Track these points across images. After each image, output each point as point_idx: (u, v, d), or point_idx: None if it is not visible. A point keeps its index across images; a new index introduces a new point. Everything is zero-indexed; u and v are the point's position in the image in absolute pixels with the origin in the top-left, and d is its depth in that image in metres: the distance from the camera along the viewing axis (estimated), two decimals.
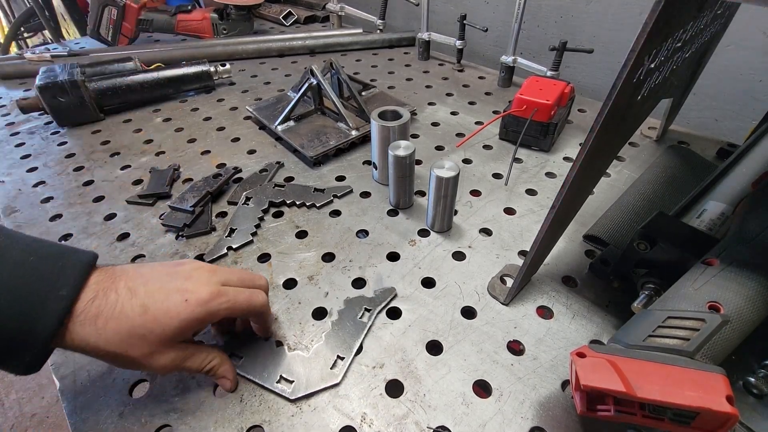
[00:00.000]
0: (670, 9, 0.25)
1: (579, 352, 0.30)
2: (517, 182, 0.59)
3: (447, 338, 0.40)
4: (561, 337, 0.40)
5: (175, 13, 1.06)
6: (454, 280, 0.46)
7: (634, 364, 0.28)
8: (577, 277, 0.46)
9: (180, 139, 0.71)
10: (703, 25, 0.38)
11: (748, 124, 0.73)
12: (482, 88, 0.84)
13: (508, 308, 0.43)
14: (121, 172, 0.64)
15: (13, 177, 0.64)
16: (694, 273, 0.33)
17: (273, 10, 1.24)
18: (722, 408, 0.25)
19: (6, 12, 2.30)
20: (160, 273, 0.34)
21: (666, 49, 0.31)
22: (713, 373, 0.27)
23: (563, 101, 0.65)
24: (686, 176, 0.56)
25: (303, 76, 0.71)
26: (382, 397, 0.36)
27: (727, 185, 0.44)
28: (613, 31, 0.82)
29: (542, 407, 0.35)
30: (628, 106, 0.31)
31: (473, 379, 0.37)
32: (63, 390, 0.38)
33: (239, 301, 0.35)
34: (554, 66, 0.74)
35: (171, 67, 0.81)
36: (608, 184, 0.59)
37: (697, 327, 0.29)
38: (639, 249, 0.38)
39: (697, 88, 0.65)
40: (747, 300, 0.30)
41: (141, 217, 0.56)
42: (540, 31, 0.93)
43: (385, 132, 0.53)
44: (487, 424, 0.34)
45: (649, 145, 0.66)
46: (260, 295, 0.37)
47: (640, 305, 0.37)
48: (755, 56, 0.69)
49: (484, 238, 0.51)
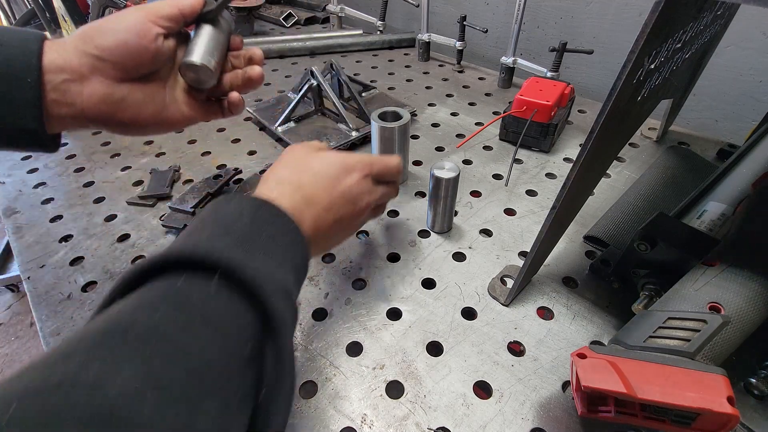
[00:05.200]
0: (670, 10, 0.25)
1: (579, 353, 0.30)
2: (518, 183, 0.59)
3: (447, 339, 0.40)
4: (561, 337, 0.40)
5: None
6: (455, 280, 0.46)
7: (634, 365, 0.28)
8: (577, 277, 0.46)
9: (180, 140, 0.71)
10: (703, 26, 0.38)
11: (748, 125, 0.73)
12: (482, 89, 0.84)
13: (508, 309, 0.43)
14: (121, 173, 0.64)
15: (14, 178, 0.64)
16: (694, 274, 0.33)
17: (273, 12, 1.24)
18: (723, 409, 0.25)
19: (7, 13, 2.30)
20: None
21: (666, 50, 0.31)
22: (714, 374, 0.27)
23: (563, 102, 0.65)
24: (686, 177, 0.56)
25: (303, 77, 0.71)
26: (382, 398, 0.36)
27: (728, 186, 0.44)
28: (613, 32, 0.82)
29: (543, 408, 0.35)
30: (628, 106, 0.31)
31: (474, 380, 0.37)
32: None
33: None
34: (554, 67, 0.74)
35: None
36: (608, 185, 0.59)
37: (698, 328, 0.29)
38: (639, 250, 0.38)
39: (697, 89, 0.65)
40: (747, 301, 0.30)
41: (141, 218, 0.56)
42: (540, 32, 0.93)
43: (385, 133, 0.53)
44: (487, 426, 0.34)
45: (650, 145, 0.66)
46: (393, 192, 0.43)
47: (640, 306, 0.37)
48: (755, 57, 0.69)
49: (485, 238, 0.51)
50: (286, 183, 0.34)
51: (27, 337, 1.50)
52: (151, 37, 0.34)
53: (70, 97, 0.33)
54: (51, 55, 0.32)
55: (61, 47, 0.32)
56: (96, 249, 0.52)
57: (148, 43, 0.34)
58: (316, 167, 0.36)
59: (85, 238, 0.53)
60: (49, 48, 0.32)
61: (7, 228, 0.55)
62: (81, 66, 0.33)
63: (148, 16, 0.34)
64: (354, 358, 0.39)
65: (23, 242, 0.53)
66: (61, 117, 0.33)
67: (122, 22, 0.34)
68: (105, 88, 0.34)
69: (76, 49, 0.32)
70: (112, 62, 0.34)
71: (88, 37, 0.33)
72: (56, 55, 0.32)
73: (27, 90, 0.30)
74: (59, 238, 0.53)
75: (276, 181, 0.34)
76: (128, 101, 0.36)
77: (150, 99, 0.37)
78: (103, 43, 0.33)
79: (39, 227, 0.55)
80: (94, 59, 0.33)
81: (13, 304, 1.66)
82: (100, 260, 0.50)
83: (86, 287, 0.47)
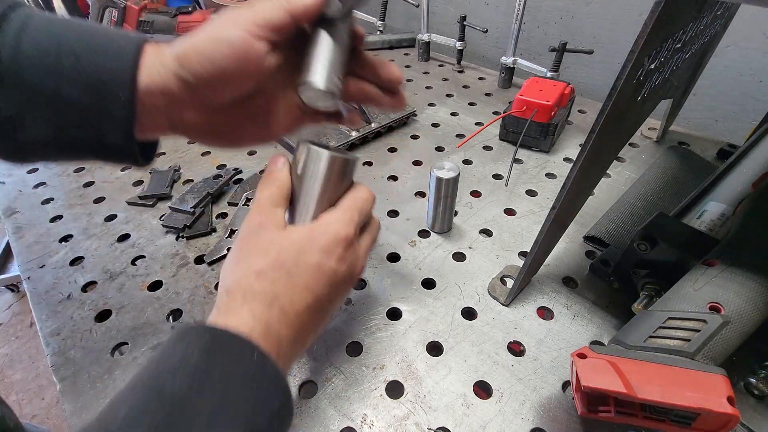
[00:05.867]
0: (670, 10, 0.25)
1: (580, 353, 0.30)
2: (518, 183, 0.59)
3: (447, 339, 0.40)
4: (561, 337, 0.40)
5: (175, 14, 1.06)
6: (455, 280, 0.46)
7: (634, 365, 0.28)
8: (577, 277, 0.46)
9: (180, 140, 0.71)
10: (703, 26, 0.38)
11: (748, 125, 0.73)
12: (482, 88, 0.84)
13: (508, 309, 0.43)
14: (121, 174, 0.64)
15: (14, 178, 0.64)
16: (694, 274, 0.33)
17: None
18: (723, 409, 0.25)
19: None
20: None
21: (666, 50, 0.31)
22: (714, 374, 0.27)
23: (563, 102, 0.65)
24: (686, 177, 0.56)
25: None
26: (382, 398, 0.36)
27: (728, 186, 0.44)
28: (613, 32, 0.82)
29: (543, 408, 0.35)
30: (628, 107, 0.31)
31: (474, 380, 0.37)
32: (63, 391, 0.38)
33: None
34: (554, 67, 0.74)
35: None
36: (608, 185, 0.59)
37: (698, 328, 0.29)
38: (639, 250, 0.38)
39: (697, 89, 0.65)
40: (747, 301, 0.30)
41: (141, 218, 0.56)
42: (540, 32, 0.93)
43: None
44: (487, 426, 0.34)
45: (650, 145, 0.66)
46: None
47: (640, 306, 0.37)
48: (755, 57, 0.69)
49: (485, 238, 0.51)
50: (258, 296, 0.27)
51: (27, 337, 1.50)
52: (255, 59, 0.28)
53: (166, 119, 0.29)
54: (148, 73, 0.27)
55: (161, 65, 0.28)
56: (96, 249, 0.52)
57: (252, 67, 0.28)
58: (289, 260, 0.28)
59: (85, 238, 0.53)
60: (147, 64, 0.27)
61: (7, 228, 0.55)
62: (179, 92, 0.28)
63: (251, 30, 0.28)
64: (354, 358, 0.39)
65: (23, 242, 0.53)
66: (154, 133, 0.30)
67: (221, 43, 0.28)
68: (204, 115, 0.30)
69: (175, 73, 0.28)
70: (212, 91, 0.29)
71: (186, 60, 0.28)
72: (155, 75, 0.27)
73: (119, 107, 0.26)
74: (59, 238, 0.53)
75: (242, 294, 0.27)
76: (230, 124, 0.32)
77: (253, 118, 0.33)
78: (201, 72, 0.28)
79: (39, 227, 0.55)
80: (192, 87, 0.28)
81: (13, 304, 1.66)
82: (100, 260, 0.50)
83: (86, 287, 0.47)
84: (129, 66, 0.27)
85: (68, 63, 0.25)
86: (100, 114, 0.26)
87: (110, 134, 0.27)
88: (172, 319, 0.43)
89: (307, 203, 0.32)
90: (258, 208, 0.31)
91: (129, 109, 0.27)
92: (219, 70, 0.28)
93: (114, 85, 0.26)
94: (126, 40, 0.27)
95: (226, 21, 0.28)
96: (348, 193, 0.33)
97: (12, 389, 1.34)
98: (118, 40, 0.27)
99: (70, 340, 0.42)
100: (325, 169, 0.31)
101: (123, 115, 0.27)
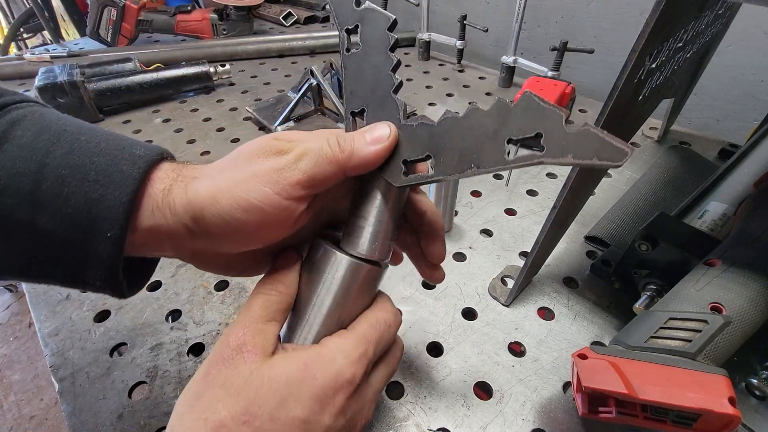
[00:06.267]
0: (671, 9, 0.25)
1: (580, 354, 0.30)
2: (518, 183, 0.59)
3: (447, 340, 0.40)
4: (562, 338, 0.40)
5: (174, 13, 1.06)
6: (455, 281, 0.46)
7: (635, 366, 0.28)
8: (578, 278, 0.46)
9: (179, 139, 0.71)
10: (704, 25, 0.38)
11: (749, 125, 0.73)
12: (483, 88, 0.84)
13: (509, 309, 0.43)
14: None
15: None
16: (695, 274, 0.33)
17: (273, 11, 1.24)
18: (724, 409, 0.25)
19: (5, 13, 2.30)
20: None
21: (667, 49, 0.31)
22: (715, 375, 0.27)
23: (564, 101, 0.65)
24: (688, 177, 0.56)
25: (303, 77, 0.71)
26: (382, 398, 0.36)
27: (729, 186, 0.44)
28: (614, 31, 0.82)
29: (543, 409, 0.35)
30: (629, 106, 0.31)
31: (474, 380, 0.37)
32: (62, 392, 0.37)
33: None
34: (555, 66, 0.74)
35: (170, 68, 0.81)
36: (609, 185, 0.58)
37: (699, 328, 0.29)
38: (640, 250, 0.38)
39: (699, 89, 0.65)
40: (749, 301, 0.30)
41: None
42: (541, 31, 0.92)
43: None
44: (488, 426, 0.34)
45: (651, 145, 0.66)
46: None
47: (641, 306, 0.37)
48: (756, 56, 0.68)
49: (485, 238, 0.51)
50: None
51: (26, 338, 1.50)
52: (286, 220, 0.23)
53: (171, 250, 0.25)
54: (151, 215, 0.22)
55: (169, 211, 0.23)
56: None
57: (281, 229, 0.24)
58: (264, 412, 0.21)
59: None
60: (150, 206, 0.22)
61: None
62: (189, 239, 0.24)
63: (288, 192, 0.22)
64: None
65: None
66: (153, 255, 0.26)
67: (248, 210, 0.22)
68: (217, 254, 0.26)
69: (185, 225, 0.23)
70: (228, 247, 0.24)
71: (202, 220, 0.22)
72: (159, 218, 0.23)
73: (104, 244, 0.22)
74: None
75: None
76: (246, 262, 0.28)
77: (265, 263, 0.27)
78: (219, 234, 0.23)
79: None
80: (206, 240, 0.24)
81: (11, 304, 1.66)
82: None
83: None
84: (124, 201, 0.21)
85: (50, 190, 0.21)
86: (82, 249, 0.22)
87: (90, 272, 0.22)
88: (171, 320, 0.43)
89: (312, 319, 0.25)
90: (244, 319, 0.23)
91: (115, 248, 0.22)
92: (241, 235, 0.23)
93: (102, 220, 0.21)
94: (129, 163, 0.22)
95: (259, 174, 0.22)
96: (368, 311, 0.26)
97: (11, 390, 1.34)
98: (121, 161, 0.22)
99: (69, 340, 0.41)
100: (343, 278, 0.25)
101: (107, 255, 0.22)
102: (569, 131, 0.20)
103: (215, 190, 0.22)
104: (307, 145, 0.23)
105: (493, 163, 0.22)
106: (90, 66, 0.79)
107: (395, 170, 0.24)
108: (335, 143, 0.23)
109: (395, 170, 0.24)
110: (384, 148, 0.23)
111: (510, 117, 0.22)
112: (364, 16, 0.25)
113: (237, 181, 0.22)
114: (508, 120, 0.22)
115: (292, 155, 0.23)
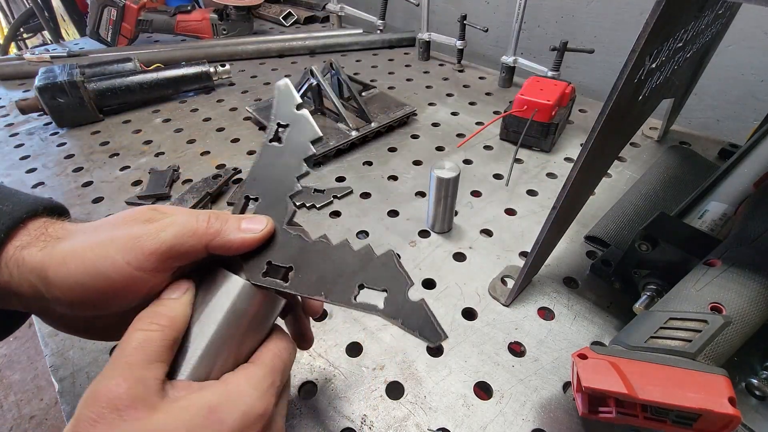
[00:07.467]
0: (672, 9, 0.25)
1: (580, 354, 0.30)
2: (518, 183, 0.59)
3: (447, 340, 0.40)
4: (562, 338, 0.40)
5: (174, 13, 1.06)
6: (455, 281, 0.46)
7: (635, 366, 0.28)
8: (578, 278, 0.46)
9: (179, 139, 0.71)
10: (704, 25, 0.38)
11: (749, 125, 0.73)
12: (483, 88, 0.84)
13: (509, 309, 0.43)
14: (120, 173, 0.64)
15: (12, 178, 0.64)
16: (695, 274, 0.33)
17: (273, 11, 1.24)
18: (724, 409, 0.25)
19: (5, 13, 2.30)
20: None
21: (667, 49, 0.31)
22: (715, 375, 0.27)
23: (564, 101, 0.65)
24: (688, 177, 0.56)
25: (303, 77, 0.71)
26: (382, 398, 0.36)
27: (729, 186, 0.44)
28: (614, 31, 0.82)
29: (543, 409, 0.35)
30: (629, 106, 0.31)
31: (474, 380, 0.37)
32: (62, 392, 0.37)
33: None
34: (555, 66, 0.74)
35: (170, 68, 0.81)
36: (609, 185, 0.58)
37: (699, 328, 0.29)
38: (640, 250, 0.38)
39: (699, 89, 0.65)
40: (749, 301, 0.30)
41: None
42: (541, 31, 0.92)
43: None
44: (488, 426, 0.34)
45: (651, 145, 0.66)
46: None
47: (641, 306, 0.37)
48: (757, 56, 0.68)
49: (485, 238, 0.51)
50: None
51: (25, 338, 1.50)
52: (140, 289, 0.22)
53: (11, 307, 0.24)
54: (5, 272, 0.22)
55: (14, 263, 0.22)
56: None
57: (133, 296, 0.22)
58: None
59: None
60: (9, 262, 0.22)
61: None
62: (34, 304, 0.23)
63: (141, 264, 0.21)
64: (354, 359, 0.39)
65: None
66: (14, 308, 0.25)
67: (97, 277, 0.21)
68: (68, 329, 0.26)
69: (32, 285, 0.22)
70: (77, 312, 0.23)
71: (44, 277, 0.21)
72: (5, 275, 0.22)
73: None
74: None
75: None
76: (107, 325, 0.26)
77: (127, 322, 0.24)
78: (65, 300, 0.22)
79: None
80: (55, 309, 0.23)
81: None
82: None
83: None
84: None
85: None
86: None
87: None
88: None
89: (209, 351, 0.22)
90: (117, 365, 0.20)
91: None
92: (89, 301, 0.22)
93: None
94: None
95: (115, 239, 0.21)
96: (268, 341, 0.25)
97: (11, 390, 1.33)
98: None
99: (69, 340, 0.41)
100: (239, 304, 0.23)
101: None
102: (407, 299, 0.23)
103: (69, 252, 0.21)
104: (176, 218, 0.23)
105: (339, 299, 0.24)
106: (90, 66, 0.79)
107: (257, 267, 0.25)
108: (205, 219, 0.23)
109: (257, 267, 0.25)
110: (252, 238, 0.24)
111: (370, 266, 0.24)
112: (299, 120, 0.28)
113: (92, 244, 0.21)
114: (368, 267, 0.24)
115: (157, 224, 0.22)
